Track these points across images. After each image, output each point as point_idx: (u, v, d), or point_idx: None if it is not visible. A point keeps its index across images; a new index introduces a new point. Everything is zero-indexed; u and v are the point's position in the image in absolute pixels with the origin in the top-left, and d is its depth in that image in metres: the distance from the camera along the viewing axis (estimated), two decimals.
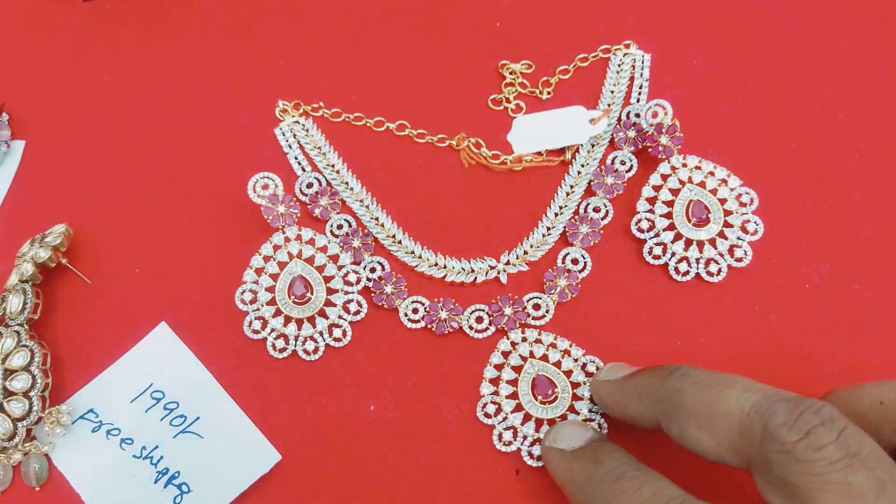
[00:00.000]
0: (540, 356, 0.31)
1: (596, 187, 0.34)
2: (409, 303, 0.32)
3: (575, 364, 0.31)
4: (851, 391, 0.26)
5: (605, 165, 0.35)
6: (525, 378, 0.31)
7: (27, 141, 0.37)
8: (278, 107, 0.37)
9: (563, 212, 0.34)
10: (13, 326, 0.31)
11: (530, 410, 0.30)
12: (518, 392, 0.31)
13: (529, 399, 0.30)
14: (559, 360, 0.31)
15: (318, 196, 0.35)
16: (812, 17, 0.39)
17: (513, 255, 0.34)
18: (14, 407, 0.30)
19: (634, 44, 0.38)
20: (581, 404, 0.30)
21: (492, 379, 0.31)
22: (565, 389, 0.30)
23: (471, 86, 0.38)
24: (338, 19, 0.40)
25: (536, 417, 0.30)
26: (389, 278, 0.33)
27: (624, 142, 0.35)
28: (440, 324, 0.32)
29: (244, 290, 0.33)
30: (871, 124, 0.36)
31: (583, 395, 0.30)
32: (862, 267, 0.33)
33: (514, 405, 0.30)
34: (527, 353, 0.31)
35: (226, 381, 0.32)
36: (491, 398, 0.31)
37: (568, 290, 0.32)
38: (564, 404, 0.30)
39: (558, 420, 0.30)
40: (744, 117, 0.36)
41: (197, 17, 0.40)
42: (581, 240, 0.33)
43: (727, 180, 0.34)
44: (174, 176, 0.36)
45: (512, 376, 0.31)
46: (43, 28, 0.40)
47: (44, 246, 0.32)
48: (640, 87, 0.37)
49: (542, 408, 0.30)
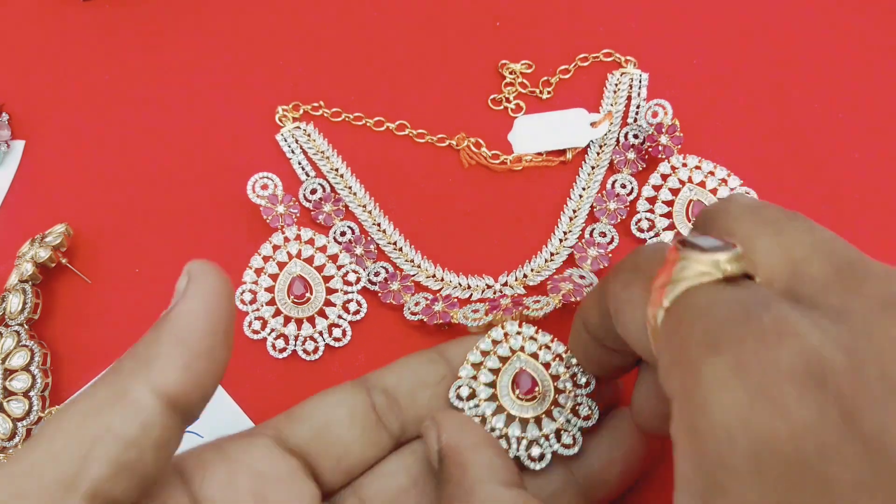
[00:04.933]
0: (530, 353, 0.29)
1: (599, 213, 0.34)
2: (418, 298, 0.32)
3: (566, 371, 0.29)
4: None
5: (606, 190, 0.35)
6: (509, 370, 0.29)
7: (27, 141, 0.37)
8: (277, 113, 0.37)
9: (567, 238, 0.34)
10: (13, 326, 0.31)
11: (504, 403, 0.28)
12: (497, 382, 0.28)
13: (507, 392, 0.28)
14: (549, 362, 0.29)
15: (322, 202, 0.35)
16: (812, 17, 0.39)
17: (511, 276, 0.33)
18: (14, 407, 0.30)
19: (633, 62, 0.38)
20: (558, 411, 0.28)
21: (474, 363, 0.29)
22: (548, 392, 0.28)
23: (471, 85, 0.38)
24: (338, 19, 0.40)
25: (508, 412, 0.28)
26: (395, 277, 0.33)
27: (623, 164, 0.35)
28: (432, 315, 0.32)
29: (243, 291, 0.33)
30: (872, 124, 0.36)
31: (564, 403, 0.28)
32: None
33: (489, 393, 0.28)
34: (517, 347, 0.29)
35: (226, 381, 0.32)
36: (468, 381, 0.28)
37: (573, 294, 0.32)
38: (542, 407, 0.28)
39: (531, 420, 0.28)
40: (744, 117, 0.36)
41: (196, 17, 0.40)
42: (591, 262, 0.33)
43: (727, 180, 0.34)
44: (174, 176, 0.36)
45: (496, 365, 0.29)
46: (43, 28, 0.40)
47: (44, 246, 0.32)
48: (637, 106, 0.37)
49: (517, 403, 0.28)
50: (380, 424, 0.26)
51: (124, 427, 0.19)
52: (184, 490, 0.22)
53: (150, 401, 0.19)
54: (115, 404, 0.19)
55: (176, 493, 0.22)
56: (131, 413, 0.19)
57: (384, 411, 0.27)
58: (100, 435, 0.18)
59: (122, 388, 0.19)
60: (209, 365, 0.20)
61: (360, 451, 0.26)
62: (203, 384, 0.20)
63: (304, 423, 0.26)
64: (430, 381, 0.28)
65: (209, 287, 0.21)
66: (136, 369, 0.19)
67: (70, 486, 0.18)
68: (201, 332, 0.20)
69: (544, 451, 0.27)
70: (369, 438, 0.26)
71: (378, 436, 0.26)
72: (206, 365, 0.20)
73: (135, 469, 0.19)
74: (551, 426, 0.27)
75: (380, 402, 0.27)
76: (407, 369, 0.28)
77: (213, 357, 0.20)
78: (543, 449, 0.27)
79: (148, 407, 0.19)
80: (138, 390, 0.19)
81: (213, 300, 0.21)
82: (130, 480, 0.19)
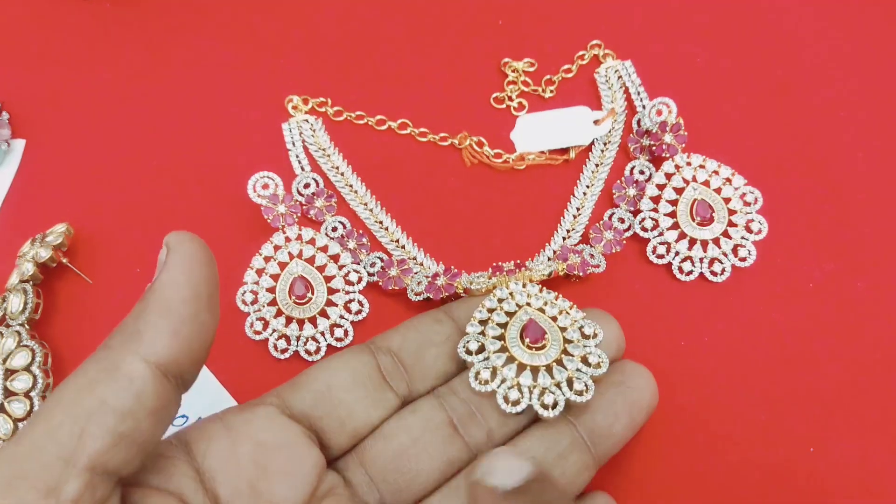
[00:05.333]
0: (537, 308, 0.29)
1: (619, 200, 0.34)
2: (418, 278, 0.32)
3: (573, 324, 0.28)
4: None
5: (625, 177, 0.34)
6: (516, 323, 0.28)
7: (27, 140, 0.37)
8: (291, 101, 0.37)
9: (570, 236, 0.34)
10: (14, 326, 0.31)
11: (514, 353, 0.27)
12: (506, 335, 0.28)
13: (517, 342, 0.28)
14: (556, 315, 0.29)
15: (315, 197, 0.34)
16: (817, 16, 0.38)
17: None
18: (15, 407, 0.30)
19: (612, 55, 0.37)
20: (569, 360, 0.27)
21: (481, 320, 0.29)
22: (556, 341, 0.28)
23: (473, 84, 0.38)
24: (339, 17, 0.39)
25: (519, 362, 0.27)
26: (391, 264, 0.33)
27: (640, 150, 0.35)
28: (437, 290, 0.31)
29: (245, 291, 0.32)
30: (876, 123, 0.36)
31: (573, 352, 0.28)
32: (866, 266, 0.33)
33: (499, 345, 0.28)
34: (523, 302, 0.29)
35: (228, 382, 0.31)
36: (476, 337, 0.28)
37: (578, 267, 0.32)
38: (552, 355, 0.27)
39: (542, 369, 0.27)
40: (748, 116, 0.36)
41: (196, 17, 0.40)
42: (604, 245, 0.33)
43: (731, 179, 0.34)
44: (175, 175, 0.36)
45: (503, 320, 0.29)
46: (43, 27, 0.40)
47: (44, 245, 0.32)
48: (637, 92, 0.36)
49: (527, 352, 0.28)
50: (384, 385, 0.27)
51: (118, 399, 0.19)
52: (188, 462, 0.22)
53: (141, 371, 0.20)
54: (107, 378, 0.19)
55: (180, 466, 0.22)
56: (124, 385, 0.19)
57: (390, 372, 0.27)
58: (95, 409, 0.19)
59: (113, 361, 0.20)
60: (196, 330, 0.21)
61: (364, 412, 0.26)
62: (192, 349, 0.21)
63: (308, 388, 0.26)
64: (437, 340, 0.28)
65: (188, 255, 0.21)
66: (125, 342, 0.20)
67: (69, 461, 0.18)
68: (184, 298, 0.21)
69: (557, 399, 0.27)
70: (374, 399, 0.26)
71: (383, 396, 0.26)
72: (192, 330, 0.21)
73: (133, 439, 0.19)
74: (563, 374, 0.27)
75: (385, 362, 0.27)
76: (412, 330, 0.28)
77: (198, 321, 0.21)
78: (556, 396, 0.27)
79: (140, 377, 0.19)
80: (129, 362, 0.20)
81: (193, 267, 0.21)
82: (129, 450, 0.19)
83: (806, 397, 0.30)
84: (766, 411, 0.30)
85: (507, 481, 0.20)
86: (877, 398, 0.30)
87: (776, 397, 0.30)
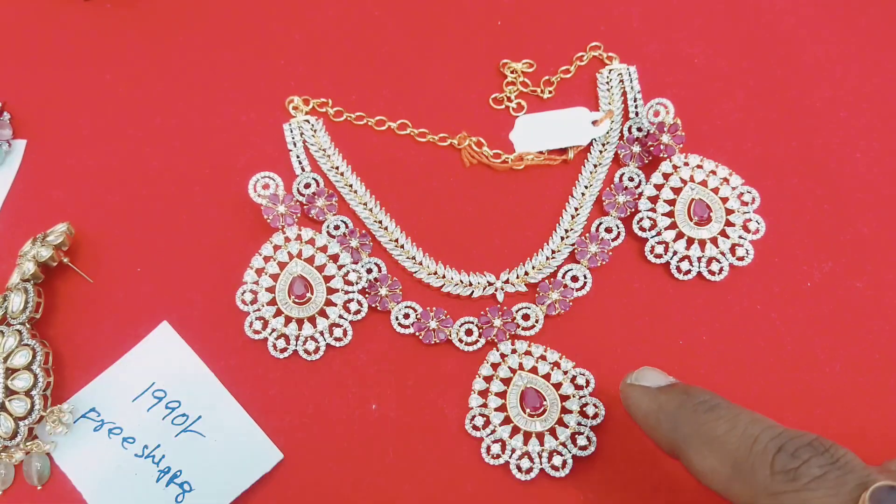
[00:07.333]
0: (529, 368, 0.31)
1: (608, 207, 0.34)
2: (402, 307, 0.32)
3: (564, 377, 0.31)
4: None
5: (615, 184, 0.35)
6: (514, 390, 0.30)
7: (28, 140, 0.37)
8: (291, 102, 0.37)
9: (568, 235, 0.34)
10: (15, 325, 0.31)
11: (518, 423, 0.30)
12: (507, 405, 0.30)
13: (518, 412, 0.30)
14: (549, 372, 0.31)
15: (315, 197, 0.35)
16: (814, 16, 0.38)
17: (513, 274, 0.33)
18: (16, 406, 0.30)
19: (617, 58, 0.38)
20: (570, 417, 0.30)
21: (480, 391, 0.31)
22: (554, 402, 0.30)
23: (472, 85, 0.38)
24: (339, 18, 0.39)
25: (525, 431, 0.30)
26: (385, 280, 0.33)
27: (629, 157, 0.35)
28: (428, 333, 0.32)
29: (244, 291, 0.33)
30: (873, 123, 0.36)
31: (572, 408, 0.30)
32: (863, 265, 0.33)
33: (502, 418, 0.30)
34: (516, 366, 0.31)
35: (227, 381, 0.32)
36: (479, 410, 0.30)
37: (558, 304, 0.32)
38: (553, 417, 0.30)
39: (546, 433, 0.30)
40: (745, 116, 0.36)
41: (196, 17, 0.40)
42: (588, 259, 0.33)
43: (729, 179, 0.34)
44: (175, 175, 0.36)
45: (501, 388, 0.31)
46: (44, 28, 0.40)
47: (45, 245, 0.32)
48: (634, 99, 0.37)
49: (530, 420, 0.30)
50: None
51: None
52: None
53: None
54: None
55: None
56: None
57: None
58: None
59: None
60: None
61: None
62: None
63: None
64: None
65: None
66: None
67: None
68: None
69: (566, 459, 0.29)
70: None
71: None
72: None
73: None
74: (566, 433, 0.30)
75: None
76: None
77: None
78: (564, 456, 0.29)
79: None
80: None
81: None
82: None
83: (803, 396, 0.31)
84: (764, 410, 0.30)
85: (658, 382, 0.27)
86: (875, 397, 0.30)
87: (774, 396, 0.31)
